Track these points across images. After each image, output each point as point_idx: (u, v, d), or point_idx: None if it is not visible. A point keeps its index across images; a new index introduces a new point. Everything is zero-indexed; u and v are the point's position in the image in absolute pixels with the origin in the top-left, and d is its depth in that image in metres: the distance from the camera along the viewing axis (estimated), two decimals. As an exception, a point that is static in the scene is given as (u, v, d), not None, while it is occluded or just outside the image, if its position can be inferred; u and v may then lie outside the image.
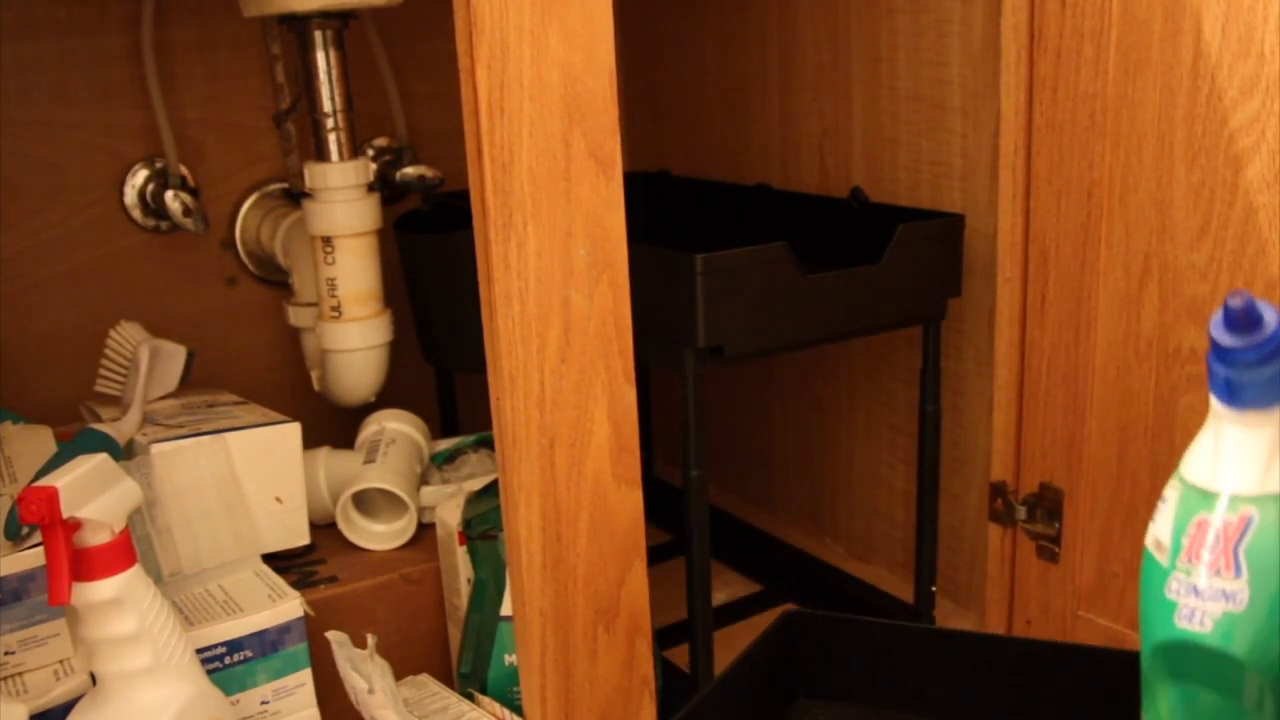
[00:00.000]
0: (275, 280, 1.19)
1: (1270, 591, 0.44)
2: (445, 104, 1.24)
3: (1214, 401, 0.48)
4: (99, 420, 0.94)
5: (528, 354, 0.67)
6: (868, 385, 1.10)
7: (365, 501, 0.97)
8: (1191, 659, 0.46)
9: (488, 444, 1.07)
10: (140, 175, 1.12)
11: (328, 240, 1.01)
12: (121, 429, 0.91)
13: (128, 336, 1.03)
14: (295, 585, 0.86)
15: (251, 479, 0.90)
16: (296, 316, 1.12)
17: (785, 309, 0.83)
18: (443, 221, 1.09)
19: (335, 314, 1.02)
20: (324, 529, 0.97)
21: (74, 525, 0.67)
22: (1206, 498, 0.47)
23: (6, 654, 0.76)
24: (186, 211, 1.09)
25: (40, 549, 0.72)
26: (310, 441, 0.96)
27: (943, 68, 0.96)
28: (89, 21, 1.08)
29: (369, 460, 0.97)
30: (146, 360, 0.99)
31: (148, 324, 1.05)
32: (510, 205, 0.65)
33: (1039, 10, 0.83)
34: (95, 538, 0.68)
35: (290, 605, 0.82)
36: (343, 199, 1.00)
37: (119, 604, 0.69)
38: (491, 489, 0.87)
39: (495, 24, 0.62)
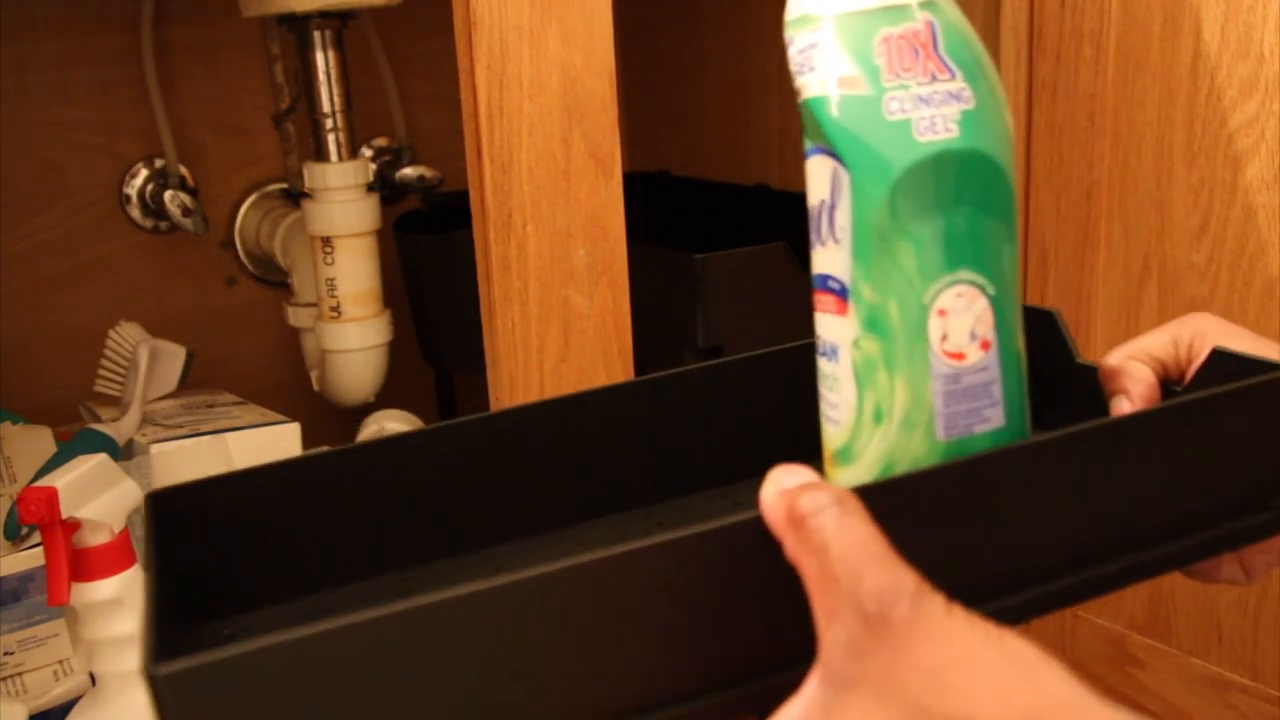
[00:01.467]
0: (275, 280, 1.19)
1: (979, 84, 0.41)
2: (445, 104, 1.24)
3: None
4: (98, 420, 0.94)
5: (527, 354, 0.67)
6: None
7: (365, 501, 0.97)
8: (941, 175, 0.39)
9: (487, 444, 1.07)
10: (140, 175, 1.12)
11: (327, 240, 1.01)
12: (121, 429, 0.91)
13: (127, 336, 1.03)
14: (295, 585, 0.86)
15: (251, 479, 0.90)
16: (296, 317, 1.12)
17: (785, 309, 0.83)
18: (442, 222, 1.09)
19: (335, 314, 1.02)
20: (324, 529, 0.97)
21: (74, 525, 0.67)
22: (874, 17, 0.40)
23: (6, 654, 0.76)
24: (186, 212, 1.09)
25: (40, 549, 0.72)
26: (310, 441, 0.96)
27: (942, 68, 0.96)
28: (89, 21, 1.08)
29: (369, 460, 0.97)
30: (146, 360, 0.99)
31: (147, 324, 1.05)
32: (510, 205, 0.65)
33: (1039, 10, 0.83)
34: (95, 538, 0.68)
35: (290, 605, 0.82)
36: (342, 199, 1.00)
37: (119, 604, 0.69)
38: (491, 489, 0.87)
39: (495, 24, 0.62)
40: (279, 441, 0.91)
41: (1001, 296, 0.40)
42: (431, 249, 1.05)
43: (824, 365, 0.41)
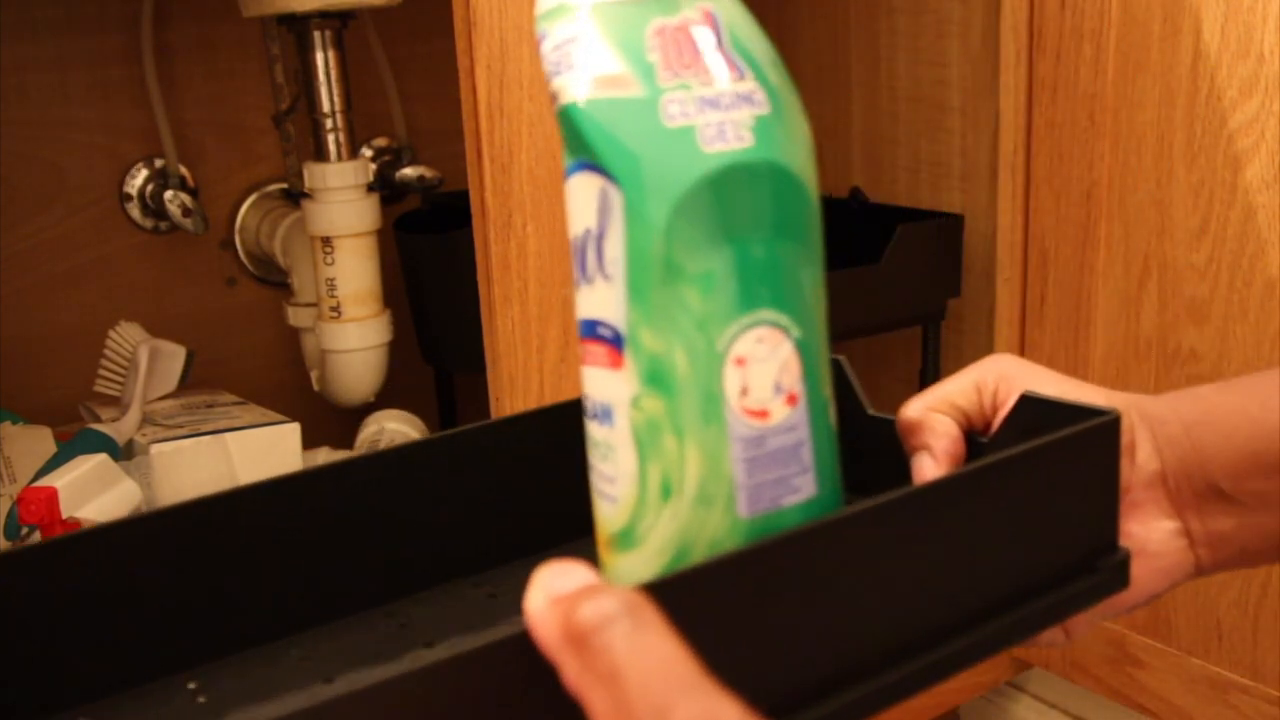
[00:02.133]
0: (275, 280, 1.19)
1: (771, 86, 0.34)
2: (445, 104, 1.24)
3: None
4: (98, 420, 0.94)
5: (527, 354, 0.67)
6: (867, 387, 1.10)
7: (365, 502, 0.97)
8: (735, 193, 0.32)
9: (487, 444, 1.07)
10: (140, 175, 1.12)
11: (327, 240, 1.01)
12: (121, 429, 0.91)
13: (127, 336, 1.03)
14: (295, 585, 0.86)
15: (251, 479, 0.89)
16: (296, 317, 1.12)
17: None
18: (442, 221, 1.09)
19: (335, 314, 1.02)
20: (324, 529, 0.97)
21: (73, 525, 0.67)
22: (644, 6, 0.33)
23: (6, 654, 0.76)
24: (186, 212, 1.09)
25: (40, 549, 0.72)
26: (310, 441, 0.96)
27: (942, 68, 0.96)
28: (89, 21, 1.08)
29: (369, 460, 0.97)
30: (146, 360, 0.99)
31: (147, 324, 1.05)
32: (510, 205, 0.65)
33: (1039, 10, 0.83)
34: (95, 538, 0.68)
35: (290, 605, 0.82)
36: (342, 199, 1.00)
37: (119, 604, 0.69)
38: (491, 489, 0.87)
39: (495, 24, 0.62)
40: (279, 442, 0.91)
41: (808, 339, 0.33)
42: (431, 249, 1.05)
43: (595, 430, 0.33)
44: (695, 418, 0.31)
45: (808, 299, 0.33)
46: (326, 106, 1.00)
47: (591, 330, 0.33)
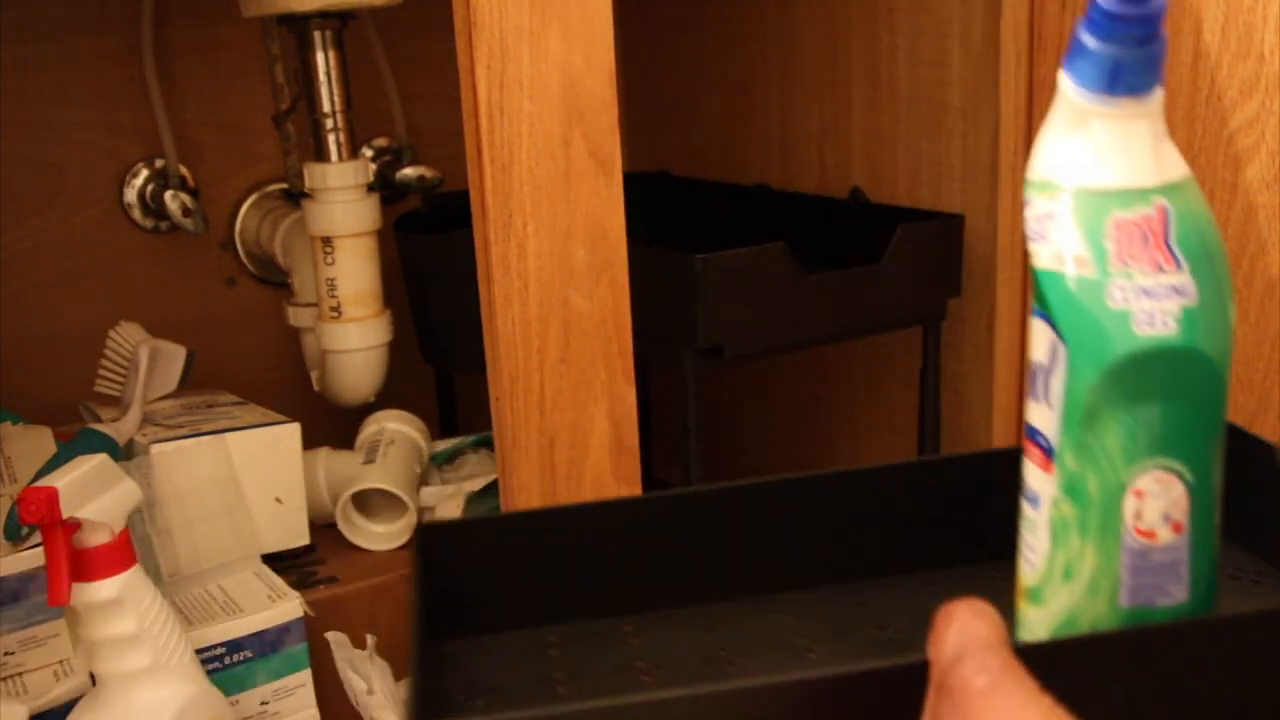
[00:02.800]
0: (275, 280, 1.19)
1: (1206, 279, 0.41)
2: (445, 104, 1.24)
3: (1078, 96, 0.42)
4: (98, 420, 0.94)
5: (527, 354, 0.67)
6: (867, 386, 1.10)
7: (365, 502, 0.97)
8: (1155, 369, 0.40)
9: (488, 444, 1.07)
10: (140, 175, 1.12)
11: (327, 240, 1.01)
12: (121, 429, 0.91)
13: (127, 337, 1.03)
14: (295, 586, 0.86)
15: (251, 479, 0.90)
16: (296, 317, 1.12)
17: (785, 309, 0.83)
18: (442, 221, 1.09)
19: (335, 314, 1.02)
20: (324, 529, 0.97)
21: (74, 526, 0.67)
22: (1110, 198, 0.41)
23: (6, 654, 0.76)
24: (186, 212, 1.09)
25: (40, 549, 0.72)
26: (310, 441, 0.96)
27: (943, 68, 0.96)
28: (89, 21, 1.08)
29: (368, 461, 0.97)
30: (146, 360, 0.99)
31: (147, 324, 1.05)
32: (510, 206, 0.65)
33: (1039, 10, 0.83)
34: (95, 538, 0.68)
35: (290, 606, 0.82)
36: (342, 199, 1.00)
37: (119, 604, 0.69)
38: (491, 489, 0.87)
39: (495, 24, 0.62)
40: (279, 442, 0.91)
41: (1200, 484, 0.41)
42: (431, 249, 1.05)
43: (1026, 509, 0.42)
44: (1097, 527, 0.40)
45: (1204, 453, 0.42)
46: (327, 106, 1.00)
47: (1033, 435, 0.42)
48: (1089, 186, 0.41)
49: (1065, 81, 0.41)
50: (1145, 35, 0.40)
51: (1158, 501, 0.41)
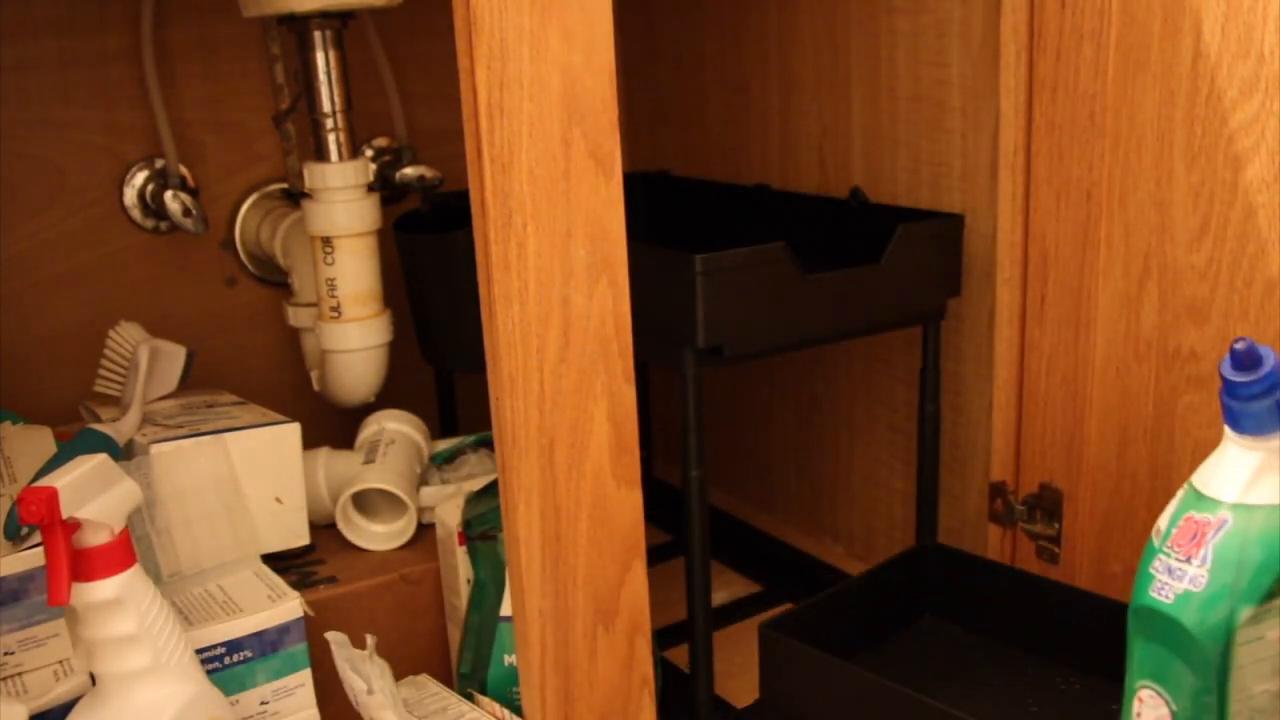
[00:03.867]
0: (275, 280, 1.19)
1: (1224, 580, 0.56)
2: (445, 104, 1.24)
3: (1225, 426, 0.59)
4: (98, 420, 0.94)
5: (527, 354, 0.67)
6: (867, 385, 1.10)
7: (365, 502, 0.97)
8: (1154, 623, 0.58)
9: (487, 444, 1.07)
10: (140, 175, 1.12)
11: (327, 240, 1.01)
12: (121, 429, 0.91)
13: (127, 336, 1.03)
14: (295, 585, 0.86)
15: (251, 479, 0.90)
16: (296, 317, 1.12)
17: (785, 309, 0.83)
18: (441, 221, 1.09)
19: (335, 314, 1.02)
20: (324, 529, 0.97)
21: (73, 525, 0.67)
22: (1200, 499, 0.59)
23: (6, 654, 0.76)
24: (186, 212, 1.09)
25: (40, 549, 0.72)
26: (310, 441, 0.96)
27: (942, 68, 0.96)
28: (89, 21, 1.08)
29: (368, 460, 0.97)
30: (146, 360, 0.99)
31: (147, 324, 1.05)
32: (510, 205, 0.65)
33: (1039, 10, 0.83)
34: (95, 538, 0.68)
35: (290, 605, 0.82)
36: (342, 199, 1.00)
37: (119, 604, 0.69)
38: (491, 489, 0.87)
39: (495, 24, 0.62)
40: (279, 442, 0.91)
41: (1183, 716, 0.58)
42: (430, 249, 1.05)
43: None
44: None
45: (1188, 694, 0.58)
46: (327, 106, 1.00)
47: None
48: (1196, 486, 0.59)
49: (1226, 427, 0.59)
50: (1258, 394, 0.57)
51: (1151, 712, 0.60)
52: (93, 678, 0.72)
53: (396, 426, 1.03)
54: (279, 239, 1.11)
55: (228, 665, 0.80)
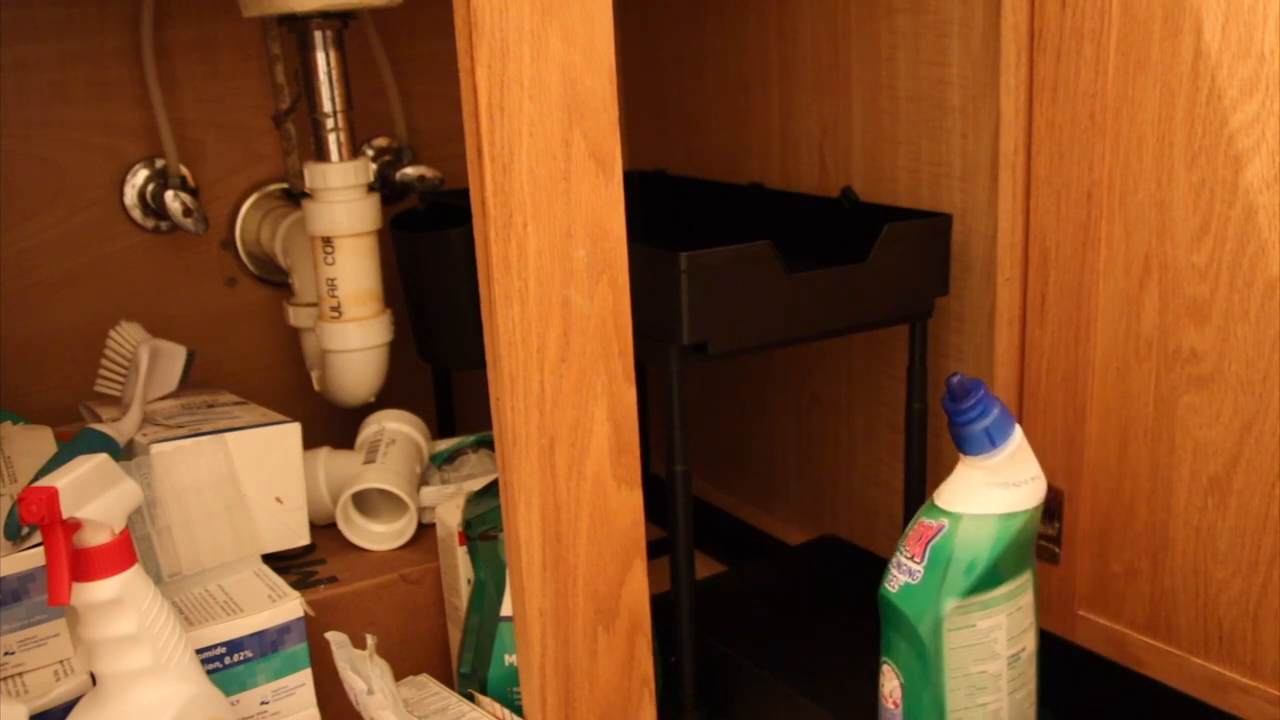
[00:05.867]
0: (275, 280, 1.19)
1: (935, 576, 0.70)
2: (445, 104, 1.24)
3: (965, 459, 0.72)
4: (99, 420, 0.94)
5: (527, 354, 0.67)
6: (867, 385, 1.10)
7: (365, 502, 0.97)
8: (887, 610, 0.72)
9: (488, 444, 1.07)
10: (140, 175, 1.12)
11: (327, 240, 1.01)
12: (121, 429, 0.91)
13: (127, 337, 1.03)
14: (295, 585, 0.86)
15: (251, 479, 0.90)
16: (296, 316, 1.12)
17: (769, 307, 0.83)
18: (437, 220, 1.09)
19: (335, 314, 1.02)
20: (324, 529, 0.97)
21: (74, 525, 0.67)
22: (931, 508, 0.72)
23: (6, 654, 0.76)
24: (186, 212, 1.09)
25: (40, 549, 0.72)
26: (310, 441, 0.96)
27: (943, 68, 0.96)
28: (89, 21, 1.08)
29: (369, 460, 0.97)
30: (146, 360, 0.99)
31: (148, 324, 1.05)
32: (510, 205, 0.65)
33: (1039, 10, 0.83)
34: (95, 538, 0.68)
35: (290, 605, 0.82)
36: (343, 199, 1.00)
37: (119, 604, 0.69)
38: (491, 489, 0.87)
39: (495, 24, 0.62)
40: (279, 442, 0.91)
41: (911, 687, 0.72)
42: (426, 247, 1.05)
43: None
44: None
45: (914, 670, 0.72)
46: (327, 106, 1.00)
47: None
48: (934, 498, 0.73)
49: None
50: (970, 420, 0.71)
51: (889, 682, 0.74)
52: (93, 678, 0.72)
53: (397, 426, 1.03)
54: (279, 239, 1.11)
55: (228, 665, 0.80)
